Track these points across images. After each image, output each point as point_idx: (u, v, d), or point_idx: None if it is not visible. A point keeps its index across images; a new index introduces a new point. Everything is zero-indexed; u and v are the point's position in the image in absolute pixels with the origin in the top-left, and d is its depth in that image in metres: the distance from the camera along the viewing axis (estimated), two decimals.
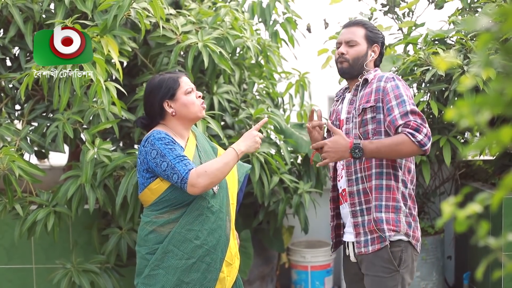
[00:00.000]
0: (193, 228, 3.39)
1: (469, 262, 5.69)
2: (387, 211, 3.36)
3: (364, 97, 3.42)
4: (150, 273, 3.42)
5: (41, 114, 4.75)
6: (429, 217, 5.86)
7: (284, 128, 5.38)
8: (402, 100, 3.28)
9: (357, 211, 3.45)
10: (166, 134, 3.34)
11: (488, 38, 1.40)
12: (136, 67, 5.13)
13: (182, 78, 3.47)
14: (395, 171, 3.39)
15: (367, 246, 3.40)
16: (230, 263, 3.58)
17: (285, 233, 5.79)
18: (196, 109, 3.46)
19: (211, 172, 3.26)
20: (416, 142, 3.20)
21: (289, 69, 6.05)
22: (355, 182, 3.44)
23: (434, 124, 5.09)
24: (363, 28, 3.53)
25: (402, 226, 3.36)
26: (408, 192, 3.43)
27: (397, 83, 3.36)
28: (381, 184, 3.37)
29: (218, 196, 3.50)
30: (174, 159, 3.25)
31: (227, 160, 3.32)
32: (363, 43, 3.51)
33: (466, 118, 1.37)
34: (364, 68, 3.49)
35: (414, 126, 3.22)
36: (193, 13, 5.09)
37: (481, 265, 1.54)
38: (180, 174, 3.23)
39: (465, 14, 5.19)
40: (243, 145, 3.37)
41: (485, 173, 5.85)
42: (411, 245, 3.41)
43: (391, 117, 3.28)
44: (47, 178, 4.80)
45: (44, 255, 5.18)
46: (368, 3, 5.69)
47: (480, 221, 1.47)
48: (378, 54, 3.56)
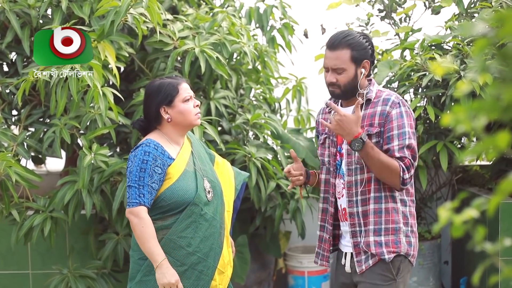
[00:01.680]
0: (185, 235, 3.39)
1: (466, 267, 5.69)
2: (386, 234, 3.36)
3: (367, 119, 3.36)
4: (142, 279, 3.42)
5: (38, 120, 4.75)
6: (426, 222, 5.86)
7: (281, 133, 5.38)
8: (404, 131, 3.28)
9: (357, 231, 3.43)
10: (156, 147, 3.37)
11: (485, 44, 1.40)
12: (133, 72, 5.13)
13: (182, 85, 3.46)
14: (392, 192, 3.37)
15: (367, 261, 3.40)
16: (222, 271, 3.57)
17: (282, 238, 5.78)
18: (192, 117, 3.46)
19: (139, 232, 3.29)
20: (401, 178, 3.26)
21: (286, 75, 6.05)
22: (355, 204, 3.41)
23: (431, 129, 5.09)
24: (347, 49, 3.33)
25: (403, 246, 3.37)
26: (409, 210, 3.43)
27: (402, 110, 3.32)
28: (380, 208, 3.36)
29: (212, 203, 3.50)
30: (135, 183, 3.30)
31: (149, 245, 3.28)
32: (351, 66, 3.34)
33: (463, 124, 1.38)
34: (357, 89, 3.38)
35: (407, 164, 3.27)
36: (190, 18, 5.09)
37: (478, 270, 1.54)
38: (130, 198, 3.31)
39: (462, 20, 5.20)
40: (161, 273, 3.26)
41: (481, 178, 5.85)
42: (408, 260, 3.43)
43: (389, 146, 3.28)
44: (43, 184, 4.79)
45: (41, 260, 5.17)
46: (365, 8, 5.70)
47: (476, 226, 1.48)
48: (371, 65, 3.45)
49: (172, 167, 3.39)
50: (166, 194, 3.36)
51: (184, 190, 3.38)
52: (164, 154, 3.38)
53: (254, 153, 4.94)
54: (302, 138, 5.56)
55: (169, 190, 3.36)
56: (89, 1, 4.44)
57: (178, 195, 3.36)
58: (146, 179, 3.30)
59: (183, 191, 3.38)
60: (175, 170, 3.40)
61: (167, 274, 3.24)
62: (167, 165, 3.38)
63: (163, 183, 3.37)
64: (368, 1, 5.70)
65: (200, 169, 3.52)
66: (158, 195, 3.36)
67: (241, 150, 4.94)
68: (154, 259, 3.26)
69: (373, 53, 3.43)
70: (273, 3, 5.83)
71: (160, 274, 3.24)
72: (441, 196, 6.01)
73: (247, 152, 4.93)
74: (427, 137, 5.06)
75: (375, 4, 5.72)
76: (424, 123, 5.00)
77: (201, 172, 3.51)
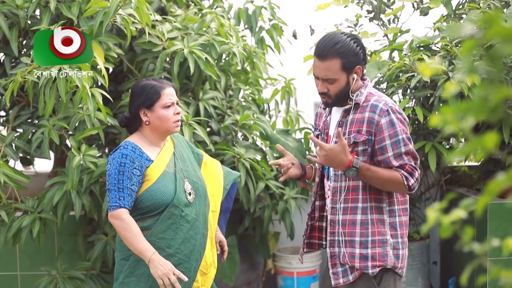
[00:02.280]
0: (165, 236, 3.39)
1: (455, 268, 5.71)
2: (373, 247, 3.27)
3: (355, 124, 3.25)
4: (124, 280, 3.43)
5: (27, 121, 4.73)
6: (415, 222, 5.87)
7: (270, 134, 5.38)
8: (397, 140, 3.18)
9: (335, 241, 3.35)
10: (133, 149, 3.39)
11: (473, 45, 1.41)
12: (122, 73, 5.12)
13: (166, 90, 3.43)
14: (379, 203, 3.28)
15: (346, 276, 3.32)
16: (205, 272, 3.56)
17: (271, 239, 5.78)
18: (169, 125, 3.44)
19: (123, 233, 3.29)
20: (407, 185, 3.18)
21: (275, 75, 6.05)
22: (337, 211, 3.33)
23: (420, 130, 5.11)
24: (337, 58, 3.17)
25: (390, 260, 3.28)
26: (399, 220, 3.32)
27: (392, 118, 3.19)
28: (367, 220, 3.26)
29: (193, 205, 3.49)
30: (115, 186, 3.31)
31: (135, 243, 3.27)
32: (342, 76, 3.20)
33: (451, 124, 1.38)
34: (350, 95, 3.26)
35: (409, 170, 3.19)
36: (179, 19, 5.09)
37: (466, 271, 1.55)
38: (110, 202, 3.32)
39: (450, 21, 5.22)
40: (154, 266, 3.23)
41: (470, 179, 5.87)
42: (396, 273, 3.34)
43: (384, 157, 3.19)
44: (32, 185, 4.78)
45: (29, 262, 5.16)
46: (354, 9, 5.71)
47: (465, 227, 1.48)
48: (364, 67, 3.32)
49: (150, 169, 3.39)
50: (144, 196, 3.36)
51: (162, 192, 3.38)
52: (142, 156, 3.39)
53: (243, 154, 4.94)
54: (291, 139, 5.57)
55: (147, 192, 3.36)
56: (78, 2, 4.42)
57: (156, 197, 3.37)
58: (125, 182, 3.31)
59: (161, 193, 3.38)
60: (154, 171, 3.40)
61: (160, 265, 3.21)
62: (145, 167, 3.38)
63: (142, 184, 3.38)
64: (356, 2, 5.71)
65: (182, 170, 3.51)
66: (137, 196, 3.37)
67: (230, 151, 4.94)
68: (144, 256, 3.25)
69: (365, 55, 3.28)
70: (262, 4, 5.83)
71: (154, 268, 3.22)
72: (430, 197, 6.03)
73: (236, 153, 4.93)
74: (416, 138, 5.07)
75: (364, 5, 5.73)
76: (412, 124, 5.02)
77: (182, 173, 3.50)
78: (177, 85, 4.70)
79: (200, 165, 3.74)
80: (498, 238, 2.24)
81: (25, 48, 4.77)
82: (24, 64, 4.28)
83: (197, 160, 3.74)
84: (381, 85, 5.26)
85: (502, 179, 1.39)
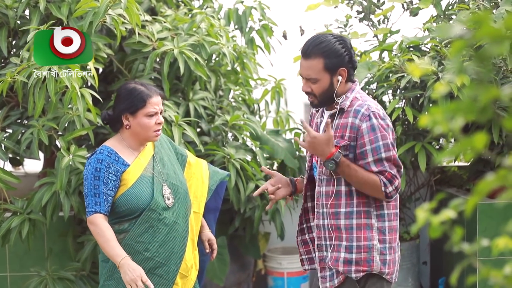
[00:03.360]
0: (142, 240, 3.40)
1: (444, 268, 5.72)
2: (358, 252, 3.23)
3: (339, 130, 3.24)
4: (104, 283, 3.46)
5: (16, 121, 4.71)
6: (405, 223, 5.88)
7: (260, 134, 5.38)
8: (377, 146, 3.14)
9: (322, 245, 3.36)
10: (109, 153, 3.40)
11: (462, 45, 1.41)
12: (112, 73, 5.11)
13: (152, 98, 3.41)
14: (367, 207, 3.25)
15: (332, 280, 3.31)
16: (185, 275, 3.56)
17: (261, 239, 5.78)
18: (149, 133, 3.43)
19: (97, 238, 3.31)
20: (384, 192, 3.15)
21: (265, 76, 6.05)
22: (322, 216, 3.33)
23: (409, 131, 5.12)
24: (320, 58, 3.18)
25: (375, 265, 3.23)
26: (389, 225, 3.28)
27: (373, 123, 3.16)
28: (351, 224, 3.23)
29: (173, 208, 3.49)
30: (91, 191, 3.33)
31: (107, 249, 3.27)
32: (325, 76, 3.20)
33: (440, 125, 1.38)
34: (334, 97, 3.26)
35: (389, 177, 3.15)
36: (169, 19, 5.08)
37: (456, 271, 1.55)
38: (87, 207, 3.34)
39: (440, 21, 5.23)
40: (123, 272, 3.22)
41: (459, 179, 5.89)
42: (384, 279, 3.29)
43: (364, 162, 3.17)
44: (21, 185, 4.76)
45: (19, 263, 5.14)
46: (344, 10, 5.71)
47: (454, 227, 1.48)
48: (351, 70, 3.26)
49: (126, 173, 3.40)
50: (120, 200, 3.37)
51: (138, 197, 3.38)
52: (118, 161, 3.39)
53: (233, 154, 4.93)
54: (281, 139, 5.57)
55: (123, 197, 3.37)
56: (67, 2, 4.41)
57: (132, 201, 3.37)
58: (101, 187, 3.32)
59: (137, 197, 3.38)
60: (130, 176, 3.40)
61: (129, 270, 3.20)
62: (121, 171, 3.39)
63: (119, 189, 3.38)
64: (346, 3, 5.72)
65: (160, 173, 3.51)
66: (114, 201, 3.37)
67: (220, 151, 4.94)
68: (115, 261, 3.26)
69: (352, 58, 3.24)
70: (252, 5, 5.83)
71: (123, 273, 3.22)
72: (420, 197, 6.04)
73: (226, 154, 4.92)
74: (406, 138, 5.08)
75: (354, 6, 5.74)
76: (402, 124, 5.02)
77: (161, 176, 3.50)
78: (167, 86, 4.70)
79: (184, 165, 3.73)
80: (488, 238, 2.24)
81: (15, 48, 4.76)
82: (14, 65, 4.26)
83: (181, 161, 3.73)
84: (371, 86, 5.27)
85: (492, 179, 1.40)
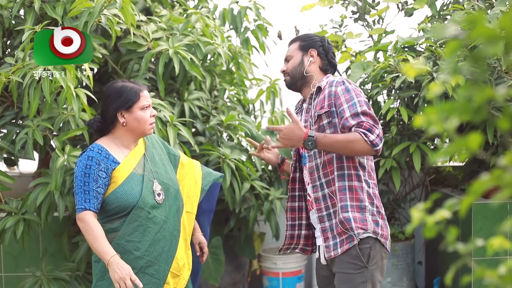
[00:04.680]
0: (132, 239, 3.40)
1: (439, 268, 5.73)
2: (353, 211, 3.38)
3: (319, 104, 3.47)
4: (96, 284, 3.46)
5: (11, 121, 4.70)
6: (400, 223, 5.89)
7: (255, 134, 5.38)
8: (353, 102, 3.34)
9: (324, 216, 3.47)
10: (99, 151, 3.40)
11: (457, 45, 1.41)
12: (107, 73, 5.10)
13: (143, 92, 3.47)
14: (357, 171, 3.42)
15: (336, 249, 3.42)
16: (177, 274, 3.57)
17: (256, 239, 5.78)
18: (146, 126, 3.46)
19: (86, 235, 3.31)
20: (368, 141, 3.24)
21: (260, 76, 6.05)
22: (320, 188, 3.47)
23: (404, 131, 5.12)
24: (297, 41, 3.66)
25: (369, 224, 3.38)
26: (373, 192, 3.47)
27: (347, 86, 3.41)
28: (344, 186, 3.40)
29: (163, 206, 3.49)
30: (81, 188, 3.33)
31: (96, 246, 3.27)
32: (297, 54, 3.61)
33: (435, 125, 1.38)
34: (305, 76, 3.57)
35: (367, 126, 3.27)
36: (164, 19, 5.08)
37: (450, 271, 1.56)
38: (77, 204, 3.34)
39: (435, 22, 5.24)
40: (111, 270, 3.22)
41: (454, 179, 5.90)
42: (379, 243, 3.43)
43: (343, 119, 3.33)
44: (16, 186, 4.76)
45: (14, 263, 5.13)
46: (339, 10, 5.72)
47: (449, 227, 1.49)
48: (324, 59, 3.61)
49: (116, 171, 3.40)
50: (110, 198, 3.37)
51: (128, 194, 3.38)
52: (109, 158, 3.39)
53: (228, 154, 4.93)
54: (276, 139, 5.56)
55: (113, 195, 3.37)
56: (62, 2, 4.40)
57: (122, 199, 3.37)
58: (91, 184, 3.32)
59: (127, 195, 3.38)
60: (120, 174, 3.41)
61: (117, 268, 3.20)
62: (111, 169, 3.39)
63: (109, 187, 3.38)
64: (341, 3, 5.72)
65: (151, 171, 3.51)
66: (104, 198, 3.38)
67: (215, 151, 4.94)
68: (103, 258, 3.25)
69: (326, 50, 3.62)
70: (247, 5, 5.84)
71: (112, 271, 3.22)
72: (415, 197, 6.05)
73: (221, 154, 4.92)
74: (400, 138, 5.09)
75: (349, 6, 5.75)
76: (397, 125, 5.03)
77: (151, 174, 3.50)
78: (162, 86, 4.71)
79: (176, 166, 3.75)
80: (482, 238, 2.25)
81: (9, 48, 4.75)
82: (8, 65, 4.26)
83: (173, 161, 3.74)
84: (366, 86, 5.27)
85: (486, 180, 1.40)
